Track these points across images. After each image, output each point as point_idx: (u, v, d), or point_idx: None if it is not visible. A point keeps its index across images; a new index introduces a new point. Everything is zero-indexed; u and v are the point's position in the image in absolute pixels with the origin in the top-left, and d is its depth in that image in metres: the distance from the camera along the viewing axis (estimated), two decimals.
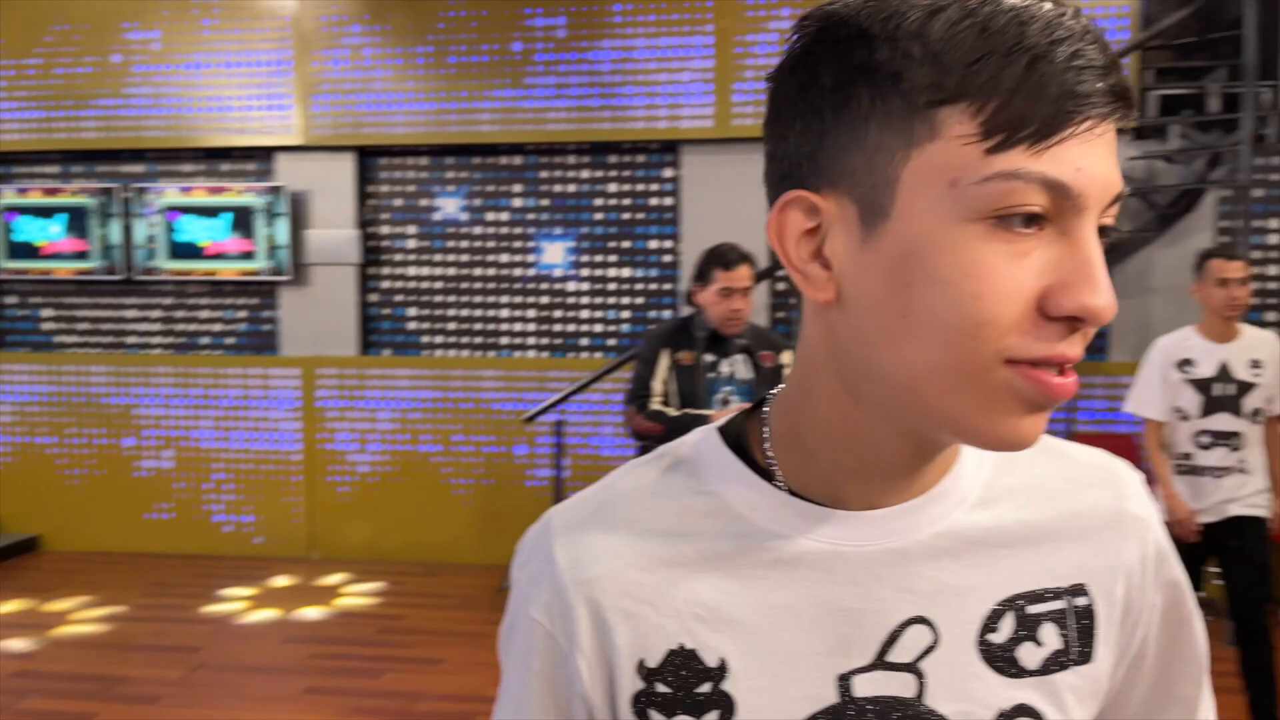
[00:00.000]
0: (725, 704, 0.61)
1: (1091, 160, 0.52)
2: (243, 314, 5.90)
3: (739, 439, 0.66)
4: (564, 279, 5.65)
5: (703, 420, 2.88)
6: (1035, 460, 0.67)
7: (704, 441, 0.66)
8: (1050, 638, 0.64)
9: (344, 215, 5.67)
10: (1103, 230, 0.55)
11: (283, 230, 5.58)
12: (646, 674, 0.62)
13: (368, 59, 5.54)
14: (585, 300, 5.65)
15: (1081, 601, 0.66)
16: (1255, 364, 3.18)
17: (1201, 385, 3.17)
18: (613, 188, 5.59)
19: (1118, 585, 0.66)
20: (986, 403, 0.55)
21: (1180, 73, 5.22)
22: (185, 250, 5.70)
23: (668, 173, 5.53)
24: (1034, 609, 0.64)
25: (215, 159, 5.85)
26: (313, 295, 5.72)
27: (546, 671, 0.64)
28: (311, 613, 4.77)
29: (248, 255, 5.66)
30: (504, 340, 5.70)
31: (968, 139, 0.52)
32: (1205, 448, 3.18)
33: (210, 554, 5.66)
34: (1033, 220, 0.53)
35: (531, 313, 5.68)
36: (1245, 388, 3.16)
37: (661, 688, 0.62)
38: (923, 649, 0.62)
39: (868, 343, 0.57)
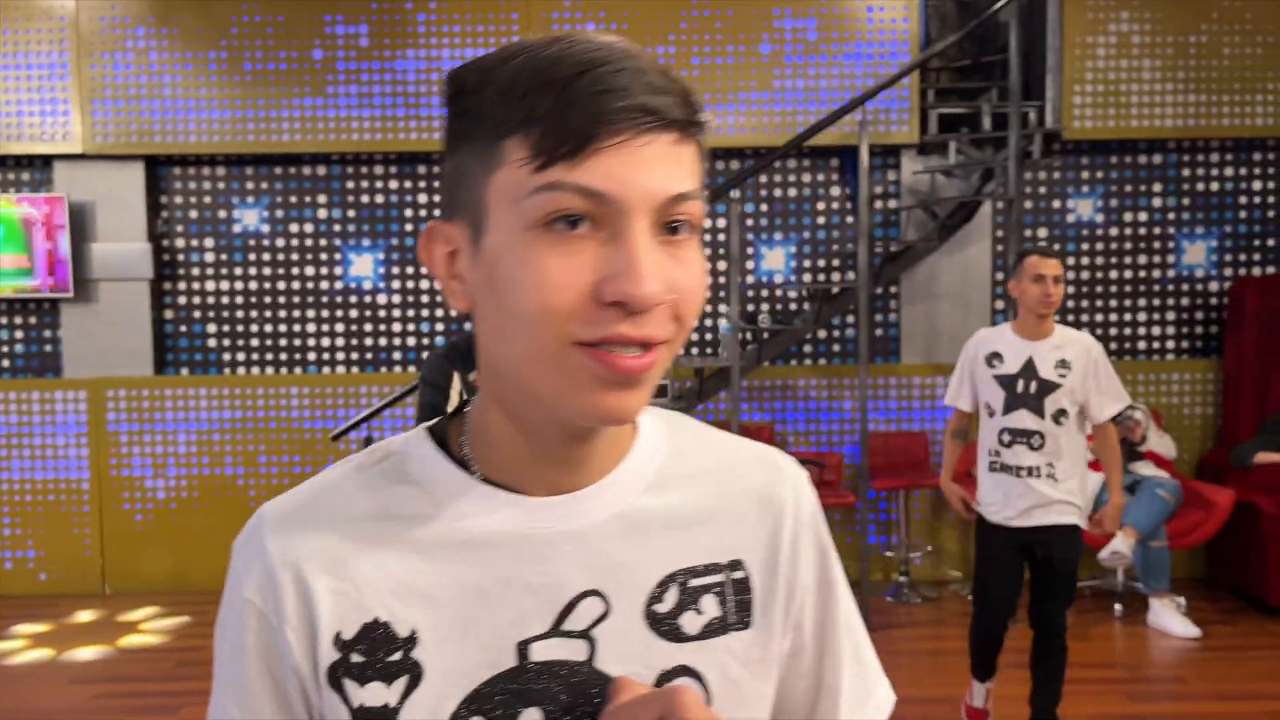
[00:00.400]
0: (414, 670, 0.67)
1: (630, 169, 0.61)
2: (20, 334, 5.47)
3: (443, 436, 0.73)
4: (374, 291, 5.53)
5: None
6: (704, 451, 0.77)
7: (412, 439, 0.73)
8: (710, 607, 0.72)
9: (134, 228, 5.34)
10: (674, 227, 0.64)
11: (63, 244, 5.21)
12: (342, 645, 0.67)
13: (154, 63, 5.25)
14: (397, 313, 5.54)
15: (739, 575, 0.74)
16: (1062, 364, 3.10)
17: (1005, 381, 3.13)
18: (423, 198, 5.51)
19: (773, 561, 0.75)
20: (568, 382, 0.63)
21: (959, 93, 5.63)
22: None
23: None
24: (695, 582, 0.72)
25: None
26: (99, 313, 5.36)
27: (261, 648, 0.68)
28: (100, 651, 4.47)
29: (25, 271, 5.26)
30: (311, 356, 5.52)
31: (523, 162, 0.61)
32: (1007, 445, 3.13)
33: None
34: (579, 223, 0.61)
35: (340, 327, 5.52)
36: (1048, 387, 3.08)
37: (355, 657, 0.67)
38: (595, 618, 0.69)
39: (488, 342, 0.67)
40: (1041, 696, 3.20)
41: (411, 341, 5.54)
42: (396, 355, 5.54)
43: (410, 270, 5.51)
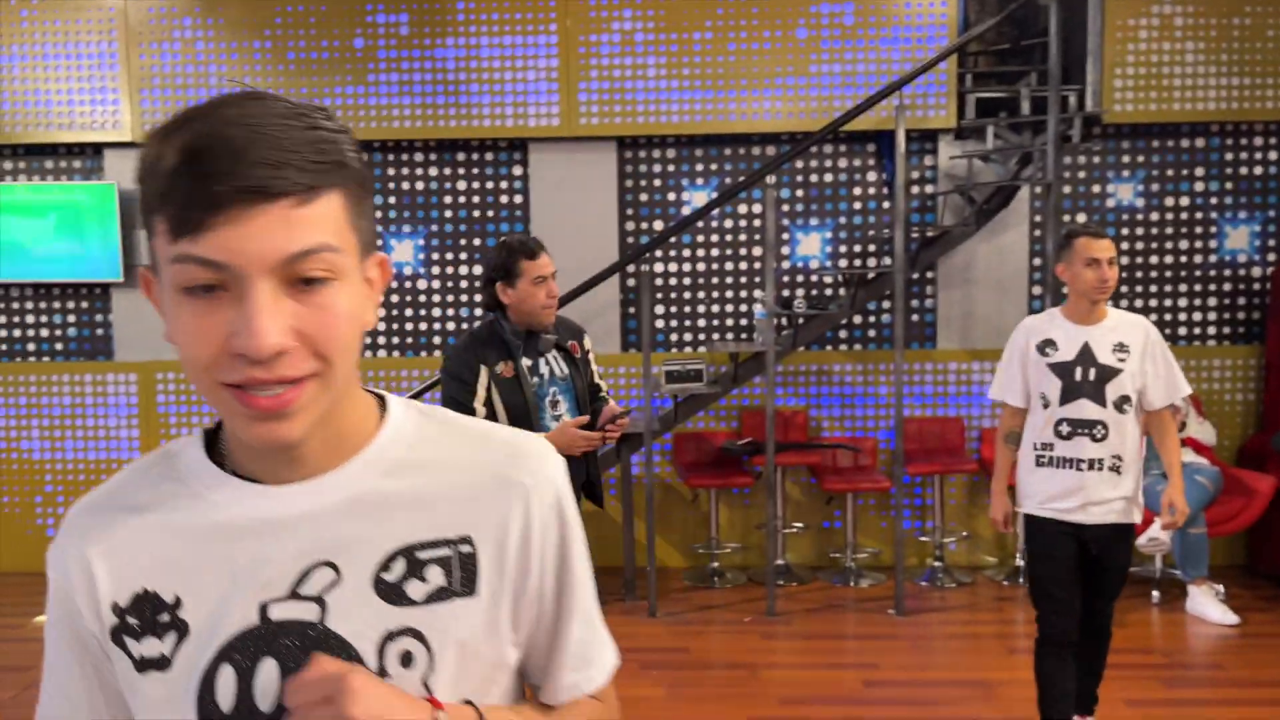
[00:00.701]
0: (181, 627, 0.82)
1: (242, 240, 0.71)
2: (72, 318, 5.62)
3: (214, 436, 0.88)
4: (414, 277, 5.61)
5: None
6: (448, 439, 0.89)
7: (188, 441, 0.88)
8: (435, 576, 0.83)
9: None
10: (309, 280, 0.75)
11: (114, 230, 5.34)
12: (118, 611, 0.84)
13: (200, 52, 5.36)
14: (437, 298, 5.62)
15: (466, 549, 0.85)
16: (1120, 348, 2.95)
17: (1062, 369, 2.96)
18: (462, 185, 5.59)
19: (504, 538, 0.86)
20: (229, 415, 0.77)
21: (998, 77, 5.59)
22: (9, 251, 5.39)
23: (516, 170, 5.56)
24: (422, 555, 0.83)
25: (38, 155, 5.55)
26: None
27: (64, 616, 0.86)
28: None
29: (77, 257, 5.40)
30: None
31: (164, 234, 0.74)
32: (1065, 437, 2.96)
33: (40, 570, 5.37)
34: (213, 289, 0.73)
35: (380, 312, 5.60)
36: (1109, 373, 2.93)
37: (130, 620, 0.83)
38: (326, 585, 0.82)
39: None
40: (1085, 678, 3.17)
41: (451, 326, 5.62)
42: (436, 340, 5.62)
43: (450, 256, 5.59)
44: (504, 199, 5.57)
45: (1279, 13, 5.28)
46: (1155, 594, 4.86)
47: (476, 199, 5.58)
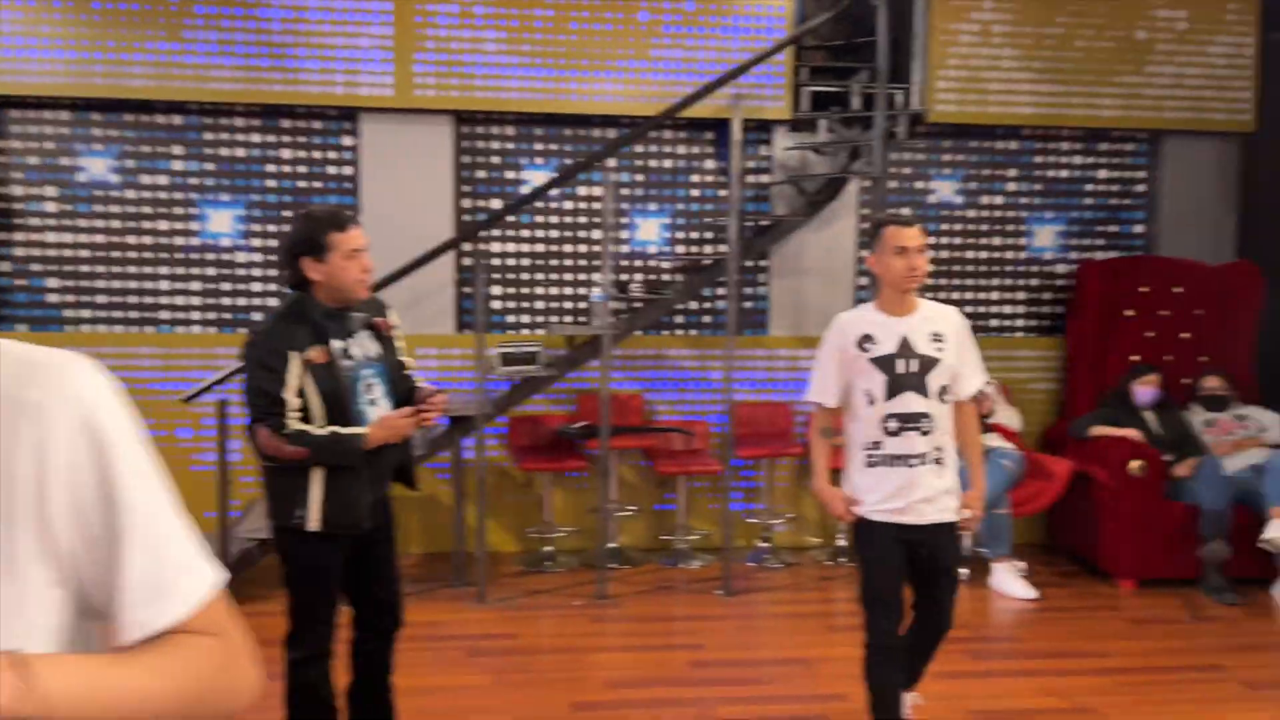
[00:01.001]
0: None
1: None
2: None
3: None
4: (233, 249, 5.30)
5: (356, 441, 2.61)
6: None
7: None
8: None
9: None
10: None
11: None
12: None
13: None
14: (257, 272, 5.33)
15: None
16: (937, 337, 2.92)
17: (884, 363, 2.89)
18: (286, 154, 5.31)
19: (15, 464, 0.79)
20: None
21: (832, 72, 5.74)
22: None
23: (346, 141, 5.32)
24: None
25: None
26: None
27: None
28: None
29: None
30: (164, 315, 5.26)
31: None
32: (894, 433, 2.88)
33: None
34: None
35: (196, 285, 5.28)
36: (930, 363, 2.89)
37: None
38: None
39: None
40: (916, 660, 3.17)
41: (273, 301, 5.34)
42: (257, 316, 5.33)
43: (272, 228, 5.30)
44: (332, 170, 5.33)
45: (1087, 25, 5.64)
46: (963, 571, 5.14)
47: (302, 169, 5.32)
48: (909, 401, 2.87)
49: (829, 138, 5.42)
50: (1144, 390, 5.22)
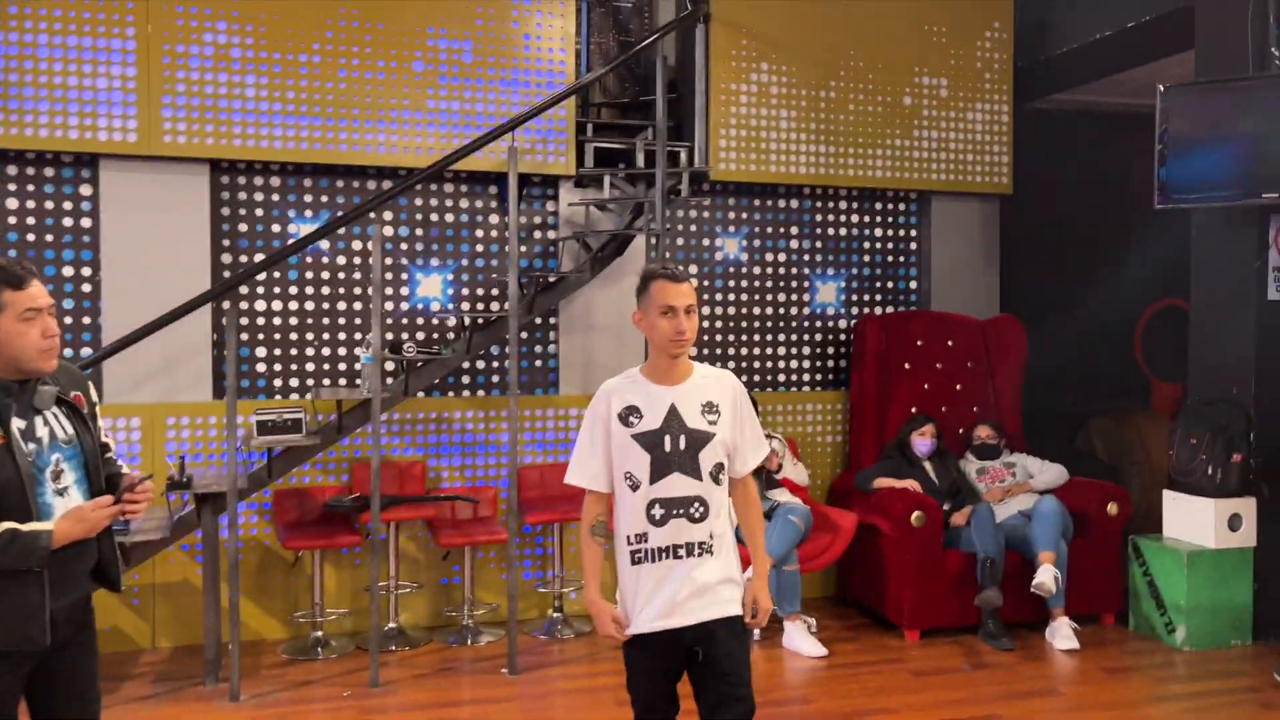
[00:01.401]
0: None
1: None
2: None
3: None
4: None
5: (40, 539, 2.20)
6: None
7: None
8: None
9: None
10: None
11: None
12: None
13: None
14: None
15: None
16: (709, 408, 2.56)
17: (648, 440, 2.51)
18: (12, 203, 4.74)
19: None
20: None
21: (619, 129, 5.69)
22: None
23: (85, 190, 4.81)
24: None
25: None
26: None
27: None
28: None
29: None
30: None
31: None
32: (659, 522, 2.50)
33: None
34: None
35: None
36: (701, 439, 2.52)
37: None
38: None
39: None
40: None
41: None
42: None
43: None
44: (67, 221, 4.80)
45: (858, 88, 5.84)
46: (756, 632, 5.06)
47: (31, 220, 4.76)
48: (675, 484, 2.50)
49: (613, 194, 5.34)
50: (921, 441, 5.35)
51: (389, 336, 5.20)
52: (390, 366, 5.14)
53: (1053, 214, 6.67)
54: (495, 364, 5.45)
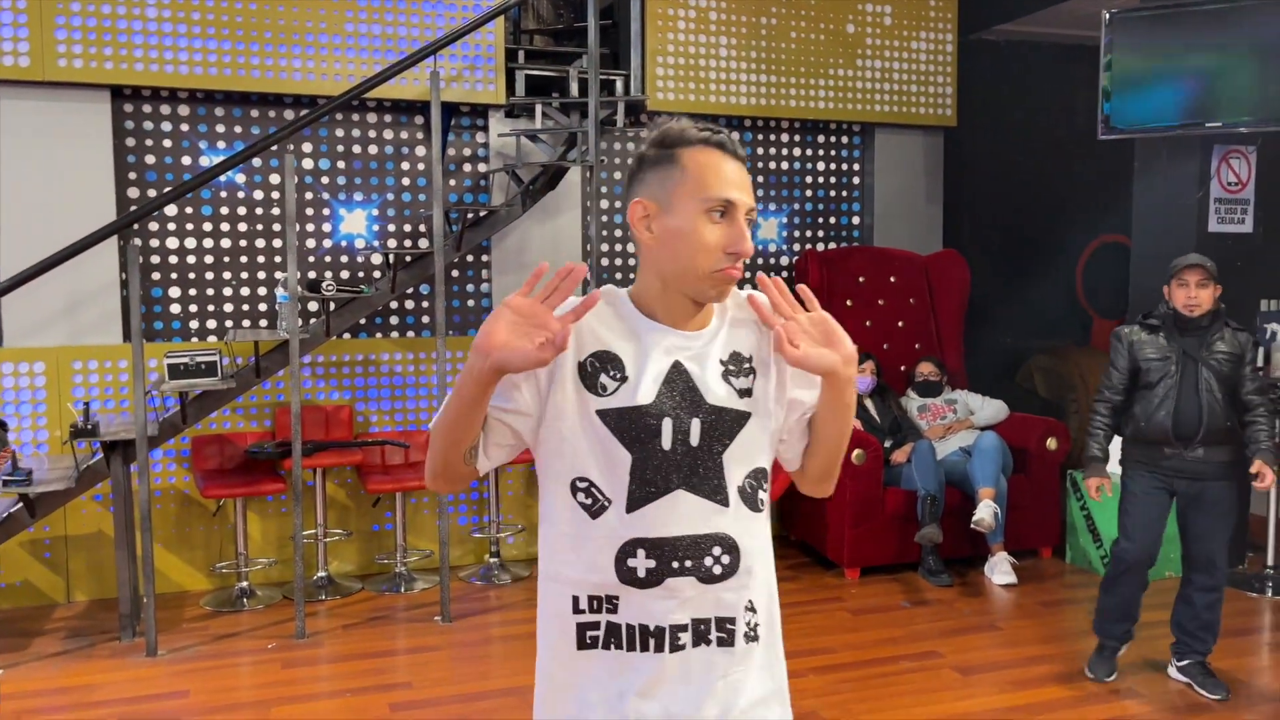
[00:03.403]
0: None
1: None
2: None
3: None
4: None
5: None
6: None
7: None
8: None
9: None
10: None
11: None
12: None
13: None
14: None
15: None
16: (738, 365, 1.44)
17: (632, 425, 1.48)
18: None
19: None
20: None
21: (553, 57, 5.44)
22: None
23: None
24: None
25: None
26: None
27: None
28: None
29: None
30: None
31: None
32: (643, 580, 1.34)
33: None
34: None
35: None
36: (728, 427, 0.99)
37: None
38: None
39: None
40: None
41: None
42: None
43: None
44: None
45: (799, 15, 5.64)
46: None
47: None
48: (680, 511, 1.44)
49: (546, 125, 5.11)
50: (860, 379, 5.27)
51: (311, 275, 4.97)
52: (315, 307, 4.92)
53: (997, 148, 6.57)
54: (425, 304, 5.24)
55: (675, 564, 1.36)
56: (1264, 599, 4.64)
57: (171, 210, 4.78)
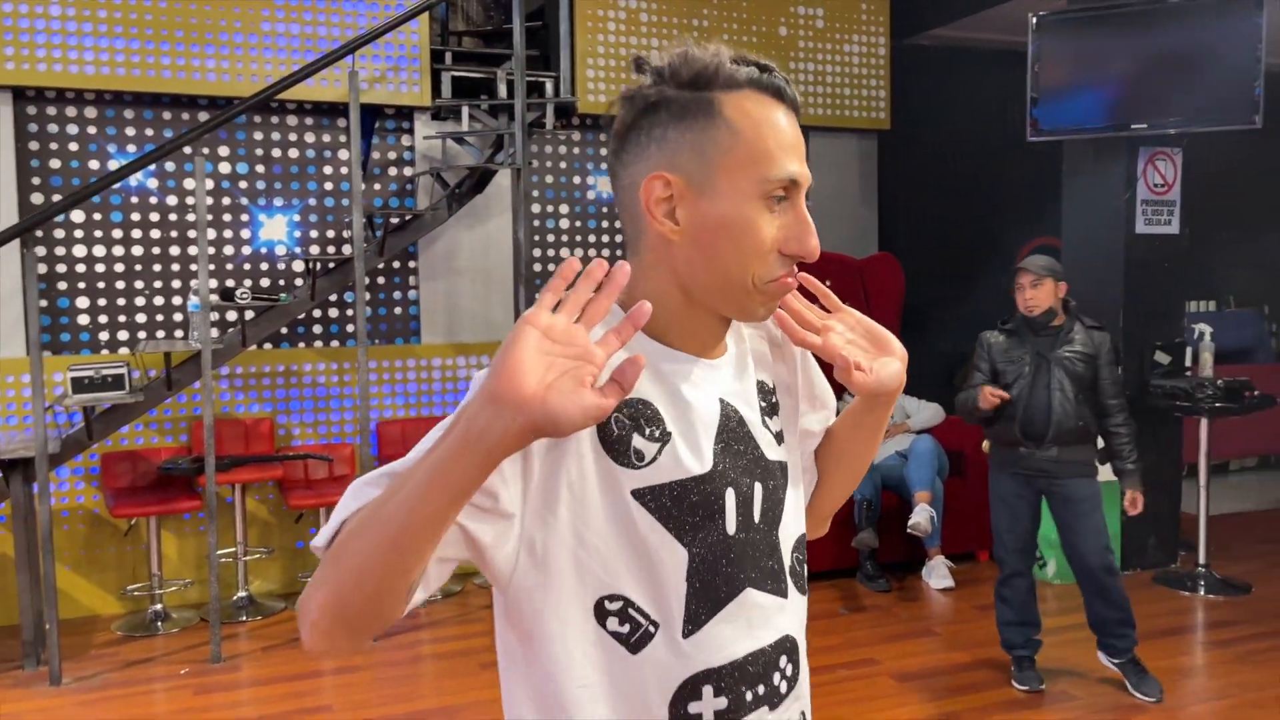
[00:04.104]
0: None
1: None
2: None
3: None
4: None
5: None
6: None
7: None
8: None
9: None
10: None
11: None
12: None
13: None
14: None
15: None
16: (766, 400, 1.19)
17: (689, 510, 1.13)
18: None
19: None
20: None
21: (482, 58, 5.32)
22: None
23: None
24: None
25: None
26: None
27: None
28: None
29: None
30: None
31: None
32: None
33: None
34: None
35: None
36: (775, 482, 0.78)
37: None
38: None
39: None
40: None
41: None
42: None
43: None
44: None
45: (732, 17, 5.59)
46: None
47: None
48: (748, 620, 1.40)
49: (473, 127, 4.99)
50: None
51: (229, 283, 4.78)
52: (233, 316, 4.73)
53: (932, 151, 6.58)
54: (349, 311, 5.08)
55: (750, 695, 0.97)
56: (1196, 597, 4.66)
57: (79, 216, 4.57)
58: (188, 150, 4.53)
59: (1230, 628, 4.26)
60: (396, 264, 5.11)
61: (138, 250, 4.70)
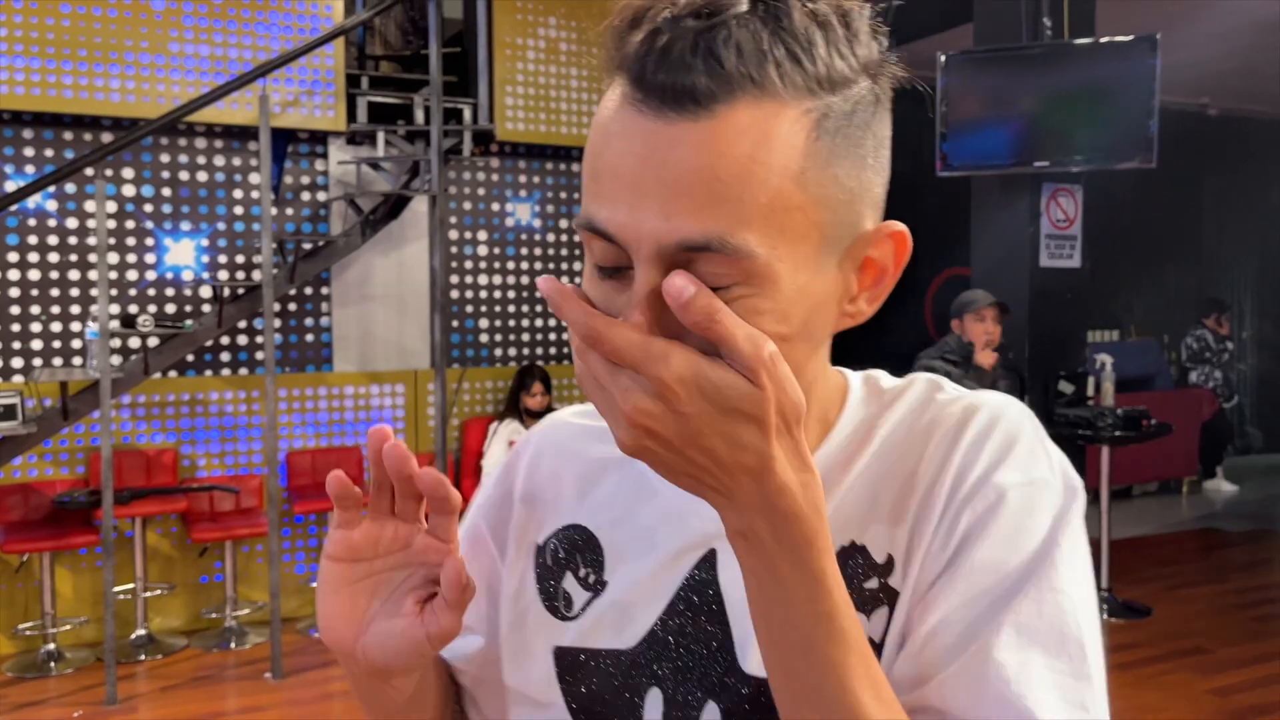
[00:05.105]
0: None
1: None
2: None
3: None
4: None
5: None
6: None
7: None
8: None
9: None
10: None
11: None
12: None
13: None
14: None
15: None
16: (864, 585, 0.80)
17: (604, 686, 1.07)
18: None
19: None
20: None
21: (399, 84, 5.28)
22: None
23: None
24: None
25: None
26: None
27: None
28: None
29: None
30: None
31: None
32: None
33: None
34: None
35: None
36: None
37: None
38: None
39: None
40: None
41: None
42: None
43: None
44: None
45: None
46: None
47: None
48: None
49: (389, 152, 4.94)
50: None
51: (132, 309, 4.63)
52: (136, 344, 4.58)
53: None
54: (259, 339, 4.96)
55: None
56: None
57: None
58: (89, 172, 4.38)
59: (1132, 650, 4.37)
60: (309, 290, 5.01)
61: (34, 274, 4.53)
